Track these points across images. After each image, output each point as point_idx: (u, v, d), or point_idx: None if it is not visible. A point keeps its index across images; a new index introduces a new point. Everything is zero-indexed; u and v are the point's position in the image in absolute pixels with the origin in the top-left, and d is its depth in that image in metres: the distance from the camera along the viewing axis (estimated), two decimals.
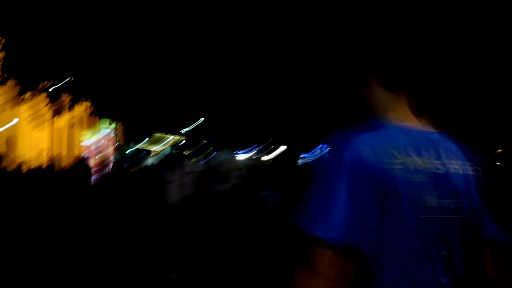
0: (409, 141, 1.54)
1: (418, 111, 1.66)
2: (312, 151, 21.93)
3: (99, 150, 23.73)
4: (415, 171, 1.48)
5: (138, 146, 27.50)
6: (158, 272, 6.78)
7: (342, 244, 1.38)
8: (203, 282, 6.63)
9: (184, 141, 26.39)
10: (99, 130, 24.27)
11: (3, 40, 16.05)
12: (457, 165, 1.60)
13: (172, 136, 28.92)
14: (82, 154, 20.92)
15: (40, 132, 22.49)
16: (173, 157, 8.11)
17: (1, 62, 16.43)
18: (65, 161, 17.13)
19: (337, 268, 1.40)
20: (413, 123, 1.63)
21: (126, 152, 25.83)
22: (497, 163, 11.67)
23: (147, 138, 27.59)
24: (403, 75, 1.65)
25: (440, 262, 1.48)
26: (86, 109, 21.14)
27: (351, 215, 1.40)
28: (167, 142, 28.69)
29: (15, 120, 21.51)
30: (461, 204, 1.56)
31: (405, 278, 1.44)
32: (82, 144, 24.36)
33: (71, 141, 25.68)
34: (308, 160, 21.56)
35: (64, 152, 24.05)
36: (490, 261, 1.66)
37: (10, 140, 21.05)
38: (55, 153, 21.47)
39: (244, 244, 7.74)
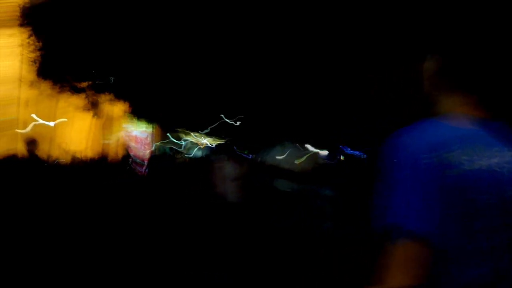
0: (476, 135, 1.59)
1: (473, 107, 1.68)
2: (353, 149, 21.72)
3: (142, 145, 24.02)
4: (469, 166, 1.53)
5: (186, 138, 27.68)
6: (207, 271, 6.70)
7: (417, 237, 1.46)
8: (252, 283, 6.53)
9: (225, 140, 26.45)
10: (140, 127, 24.52)
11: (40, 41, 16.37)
12: (509, 157, 1.64)
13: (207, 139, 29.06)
14: (128, 146, 21.20)
15: (82, 126, 22.84)
16: (228, 152, 7.93)
17: (47, 60, 16.72)
18: (111, 153, 17.40)
19: (415, 261, 1.46)
20: (466, 118, 1.66)
21: (166, 147, 26.05)
22: None
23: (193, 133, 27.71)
24: (463, 74, 1.68)
25: (492, 254, 1.53)
26: (127, 108, 21.39)
27: (423, 208, 1.47)
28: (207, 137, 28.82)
29: (52, 123, 21.89)
30: None
31: (464, 271, 1.50)
32: (127, 137, 24.68)
33: (113, 135, 26.04)
34: (354, 157, 21.34)
35: (111, 143, 24.46)
36: None
37: (50, 134, 21.41)
38: (97, 146, 21.80)
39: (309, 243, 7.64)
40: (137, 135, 26.12)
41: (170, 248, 7.85)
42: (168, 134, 28.12)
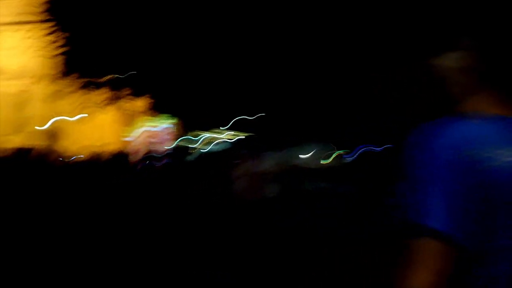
0: (499, 132, 1.55)
1: (496, 104, 1.62)
2: (369, 144, 21.62)
3: (162, 140, 24.14)
4: (490, 164, 1.49)
5: (206, 133, 27.79)
6: (209, 269, 6.66)
7: (439, 235, 1.44)
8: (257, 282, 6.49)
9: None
10: (159, 123, 24.64)
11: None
12: None
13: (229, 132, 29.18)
14: (148, 142, 21.32)
15: (102, 121, 22.97)
16: (249, 147, 7.86)
17: (66, 55, 16.85)
18: (131, 148, 17.48)
19: (437, 260, 1.45)
20: (489, 116, 1.60)
21: (186, 143, 26.19)
22: None
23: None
24: (492, 71, 1.63)
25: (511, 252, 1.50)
26: (146, 103, 21.49)
27: (444, 205, 1.46)
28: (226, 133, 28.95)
29: (72, 119, 22.05)
30: None
31: (483, 269, 1.49)
32: (147, 132, 24.80)
33: (133, 131, 26.22)
34: (374, 154, 21.18)
35: (131, 139, 24.63)
36: None
37: (69, 128, 21.57)
38: (117, 141, 21.91)
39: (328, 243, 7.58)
40: (157, 130, 26.25)
41: (176, 247, 7.83)
42: (188, 129, 28.28)
